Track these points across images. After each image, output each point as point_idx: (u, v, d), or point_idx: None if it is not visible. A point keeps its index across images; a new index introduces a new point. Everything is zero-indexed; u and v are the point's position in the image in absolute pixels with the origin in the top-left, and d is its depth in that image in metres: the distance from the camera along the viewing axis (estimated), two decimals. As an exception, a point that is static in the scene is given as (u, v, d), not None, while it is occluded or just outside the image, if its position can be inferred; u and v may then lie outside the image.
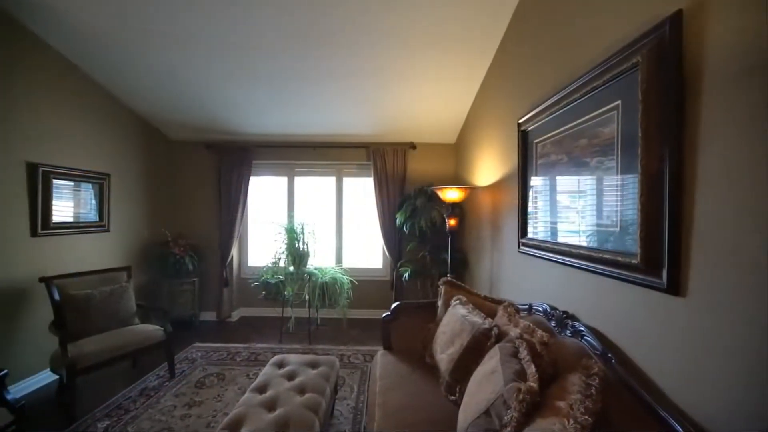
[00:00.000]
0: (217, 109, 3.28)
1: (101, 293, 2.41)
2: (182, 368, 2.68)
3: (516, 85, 2.08)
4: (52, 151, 2.54)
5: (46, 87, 2.49)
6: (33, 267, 2.40)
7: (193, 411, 2.12)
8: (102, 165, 2.99)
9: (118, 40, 2.39)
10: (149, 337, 2.38)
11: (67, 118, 2.65)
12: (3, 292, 2.23)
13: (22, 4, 2.12)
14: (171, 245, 3.56)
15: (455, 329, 1.61)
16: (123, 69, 2.73)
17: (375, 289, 3.95)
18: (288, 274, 3.30)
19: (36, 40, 2.37)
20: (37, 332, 2.38)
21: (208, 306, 3.86)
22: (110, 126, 3.07)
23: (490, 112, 2.57)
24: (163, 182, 3.79)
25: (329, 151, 3.86)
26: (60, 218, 2.62)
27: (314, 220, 3.57)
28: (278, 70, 2.70)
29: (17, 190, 2.32)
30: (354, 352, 3.00)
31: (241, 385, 2.42)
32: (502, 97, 2.32)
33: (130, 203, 3.34)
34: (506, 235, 2.21)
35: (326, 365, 1.92)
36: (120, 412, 2.11)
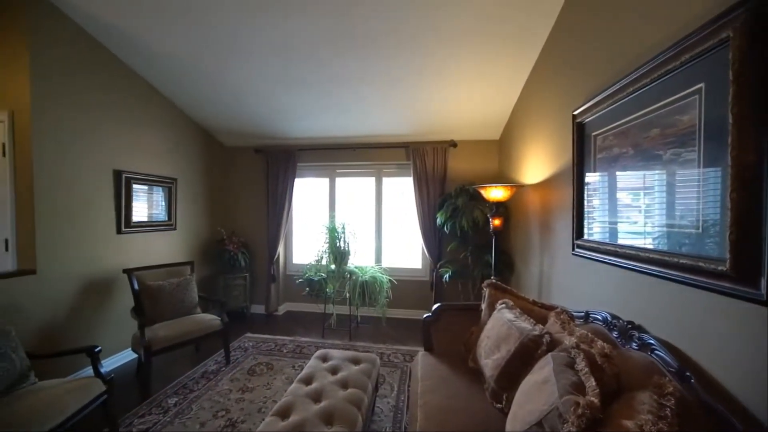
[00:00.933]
0: (266, 115, 3.51)
1: (170, 284, 2.71)
2: (236, 356, 2.90)
3: (569, 76, 1.93)
4: (132, 159, 2.91)
5: (129, 105, 2.86)
6: (118, 260, 2.78)
7: (246, 396, 2.29)
8: (170, 170, 3.36)
9: (183, 59, 2.67)
10: (209, 325, 2.62)
11: (143, 129, 3.02)
12: (96, 281, 2.61)
13: (111, 36, 2.47)
14: (226, 243, 3.88)
15: (501, 334, 1.54)
16: (187, 84, 3.04)
17: (414, 289, 3.93)
18: (330, 272, 3.42)
19: (120, 64, 2.74)
20: (121, 316, 2.75)
21: (257, 299, 4.15)
22: (176, 135, 3.44)
23: (539, 105, 2.42)
24: (219, 185, 4.15)
25: (369, 152, 3.93)
26: (138, 218, 2.99)
27: (355, 220, 3.66)
28: (321, 76, 2.80)
29: (106, 194, 2.70)
30: (393, 352, 3.01)
31: (287, 375, 2.56)
32: (553, 89, 2.16)
33: (192, 204, 3.71)
34: (558, 236, 2.06)
35: (368, 362, 1.95)
36: (185, 391, 2.35)
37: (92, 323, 2.58)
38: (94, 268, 2.59)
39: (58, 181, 2.32)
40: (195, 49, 2.56)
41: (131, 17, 2.28)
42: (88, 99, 2.51)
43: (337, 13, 2.14)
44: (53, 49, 2.25)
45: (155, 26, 2.34)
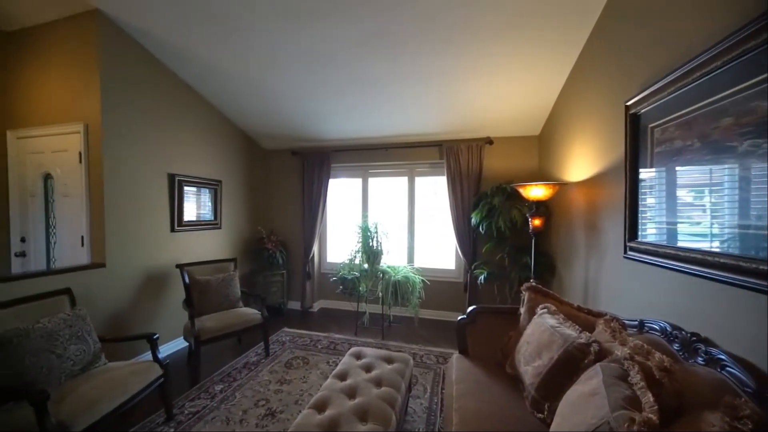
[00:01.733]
0: (302, 119, 3.64)
1: (216, 279, 2.91)
2: (275, 349, 3.05)
3: (620, 64, 1.78)
4: (183, 163, 3.17)
5: (181, 113, 3.12)
6: (171, 256, 3.04)
7: (284, 387, 2.39)
8: (215, 173, 3.61)
9: (227, 70, 2.86)
10: (251, 319, 2.78)
11: (192, 135, 3.28)
12: (153, 274, 2.88)
13: (166, 52, 2.71)
14: (265, 241, 4.09)
15: (542, 340, 1.46)
16: (231, 92, 3.25)
17: (447, 290, 3.86)
18: (363, 271, 3.46)
19: (173, 76, 3.00)
20: (174, 307, 3.01)
21: (293, 296, 4.32)
22: (221, 140, 3.69)
23: (585, 97, 2.25)
24: (259, 186, 4.38)
25: (401, 152, 3.92)
26: (188, 218, 3.25)
27: (387, 220, 3.68)
28: (353, 78, 2.85)
29: (162, 196, 2.96)
30: (426, 353, 2.98)
31: (322, 371, 2.63)
32: (601, 80, 2.01)
33: (235, 205, 3.95)
34: (607, 237, 1.91)
35: (401, 362, 1.95)
36: (230, 380, 2.51)
37: (150, 312, 2.85)
38: (152, 262, 2.86)
39: (122, 184, 2.59)
40: (238, 59, 2.72)
41: (183, 34, 2.49)
42: (147, 109, 2.77)
43: (368, 17, 2.16)
44: (118, 66, 2.52)
45: (203, 41, 2.53)
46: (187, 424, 1.97)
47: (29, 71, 2.70)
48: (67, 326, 1.71)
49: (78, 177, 2.51)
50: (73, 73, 2.51)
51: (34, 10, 2.49)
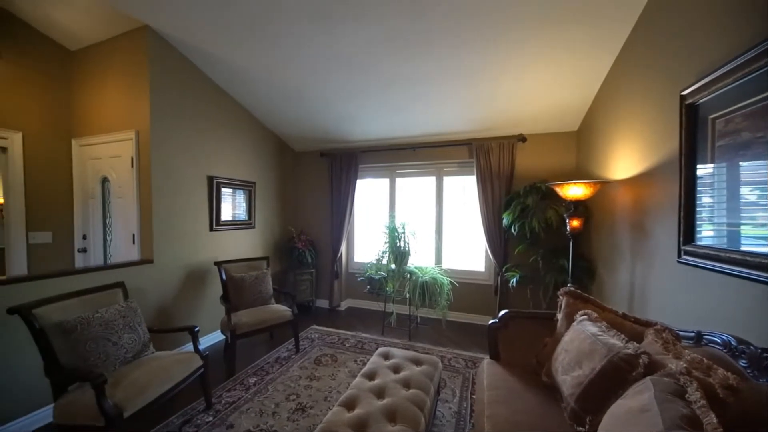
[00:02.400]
0: (330, 121, 3.71)
1: (250, 276, 3.04)
2: (304, 345, 3.13)
3: (672, 51, 1.62)
4: (220, 166, 3.35)
5: (219, 118, 3.30)
6: (210, 253, 3.22)
7: (313, 384, 2.45)
8: (250, 175, 3.78)
9: (260, 76, 2.99)
10: (282, 315, 2.87)
11: (229, 139, 3.46)
12: (194, 271, 3.07)
13: (206, 61, 2.88)
14: (295, 240, 4.22)
15: (583, 349, 1.36)
16: (264, 97, 3.39)
17: (476, 292, 3.75)
18: (390, 271, 3.46)
19: (212, 84, 3.19)
20: (212, 302, 3.19)
21: (322, 294, 4.42)
22: (255, 143, 3.86)
23: (632, 88, 2.09)
24: (290, 187, 4.53)
25: (429, 152, 3.87)
26: (225, 217, 3.44)
27: (414, 220, 3.65)
28: (380, 79, 2.85)
29: (202, 197, 3.15)
30: (455, 356, 2.91)
31: (350, 369, 2.66)
32: (650, 69, 1.85)
33: (267, 205, 4.11)
34: (657, 240, 1.75)
35: (429, 364, 1.92)
36: (263, 373, 2.61)
37: (191, 306, 3.04)
38: (193, 260, 3.05)
39: (168, 186, 2.79)
40: (270, 65, 2.83)
41: (220, 43, 2.63)
42: (189, 115, 2.96)
43: (395, 16, 2.15)
44: (164, 76, 2.72)
45: (239, 49, 2.66)
46: (225, 413, 2.08)
47: (90, 85, 2.99)
48: (121, 317, 1.86)
49: (130, 180, 2.74)
50: (126, 85, 2.74)
51: (94, 30, 2.76)
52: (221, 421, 2.01)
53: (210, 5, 2.24)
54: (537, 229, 2.81)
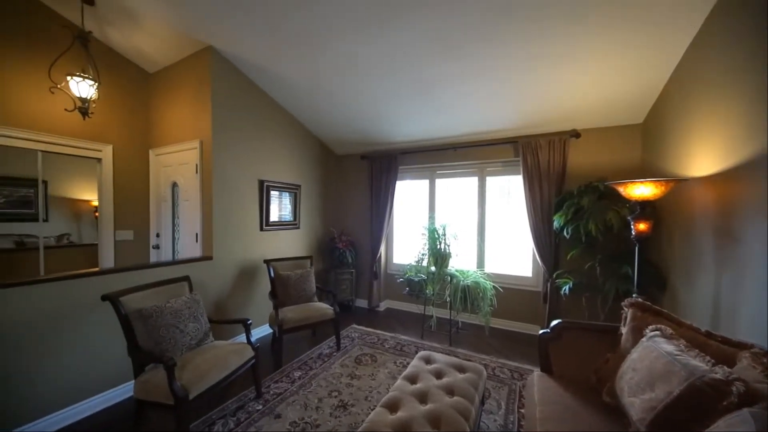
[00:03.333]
0: (371, 123, 3.77)
1: (295, 275, 3.20)
2: (345, 344, 3.21)
3: None
4: (269, 170, 3.58)
5: (268, 125, 3.53)
6: (260, 252, 3.45)
7: (354, 382, 2.49)
8: (295, 178, 3.98)
9: (304, 83, 3.13)
10: (325, 313, 2.97)
11: (277, 144, 3.68)
12: (246, 268, 3.31)
13: (257, 72, 3.10)
14: (336, 241, 4.35)
15: (656, 370, 1.20)
16: (307, 103, 3.55)
17: (522, 299, 3.54)
18: (430, 273, 3.41)
19: (263, 93, 3.42)
20: (261, 297, 3.41)
21: (361, 294, 4.49)
22: (300, 148, 4.05)
23: (714, 70, 1.81)
24: (332, 189, 4.69)
25: (471, 151, 3.75)
26: (273, 218, 3.66)
27: (455, 222, 3.55)
28: (421, 79, 2.83)
29: (253, 199, 3.39)
30: (499, 365, 2.77)
31: (390, 370, 2.66)
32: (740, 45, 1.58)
33: (311, 207, 4.30)
34: (749, 248, 1.49)
35: (473, 372, 1.84)
36: (306, 368, 2.72)
37: (243, 301, 3.28)
38: (245, 257, 3.29)
39: (225, 190, 3.05)
40: (315, 74, 2.96)
41: (269, 56, 2.82)
42: (243, 124, 3.21)
43: (437, 16, 2.11)
44: (223, 89, 2.98)
45: (285, 59, 2.82)
46: (273, 403, 2.20)
47: (163, 102, 3.39)
48: (187, 307, 2.07)
49: (194, 185, 3.04)
50: (192, 100, 3.06)
51: (168, 54, 3.12)
52: (270, 411, 2.13)
53: (263, 24, 2.41)
54: (594, 232, 2.56)
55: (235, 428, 1.95)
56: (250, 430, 1.94)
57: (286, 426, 1.98)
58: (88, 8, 2.62)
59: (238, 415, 2.07)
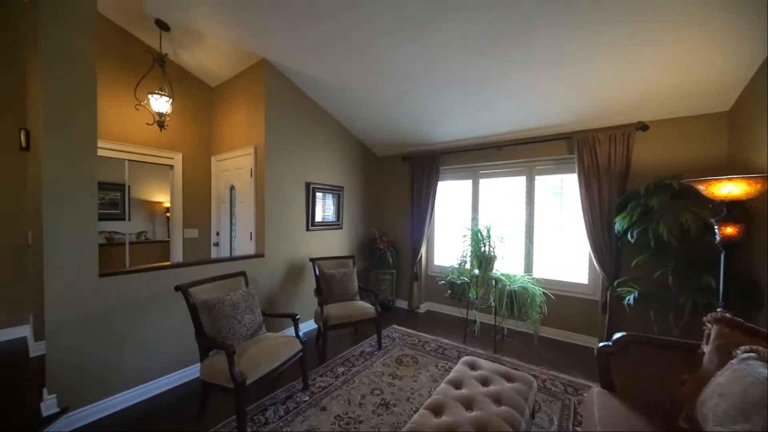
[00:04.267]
0: (412, 124, 3.77)
1: (339, 273, 3.31)
2: (386, 343, 3.23)
3: None
4: (315, 172, 3.75)
5: (315, 129, 3.70)
6: (306, 251, 3.63)
7: (395, 382, 2.50)
8: (339, 180, 4.12)
9: (346, 87, 3.23)
10: (367, 312, 3.03)
11: (322, 147, 3.84)
12: (293, 265, 3.50)
13: (303, 80, 3.28)
14: (377, 241, 4.41)
15: (750, 397, 1.03)
16: (349, 106, 3.65)
17: (576, 308, 3.26)
18: (473, 276, 3.30)
19: (309, 99, 3.60)
20: (306, 294, 3.58)
21: (401, 295, 4.50)
22: (343, 150, 4.18)
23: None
24: (372, 190, 4.77)
25: (518, 149, 3.56)
26: (318, 219, 3.83)
27: (501, 223, 3.39)
28: (465, 78, 2.75)
29: (300, 201, 3.58)
30: (550, 378, 2.58)
31: (432, 373, 2.63)
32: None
33: (353, 207, 4.41)
34: None
35: (522, 382, 1.74)
36: (349, 364, 2.80)
37: (290, 296, 3.47)
38: (293, 255, 3.49)
39: (276, 192, 3.26)
40: (356, 77, 3.04)
41: (314, 63, 2.95)
42: (291, 130, 3.41)
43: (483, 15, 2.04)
44: (275, 98, 3.19)
45: (329, 65, 2.94)
46: (318, 396, 2.30)
47: (223, 112, 3.74)
48: (244, 300, 2.25)
49: (249, 188, 3.30)
50: (248, 109, 3.33)
51: (228, 68, 3.43)
52: (316, 403, 2.22)
53: (309, 35, 2.54)
54: (665, 236, 2.26)
55: (285, 416, 2.07)
56: (298, 419, 2.04)
57: (331, 419, 2.05)
58: (165, 33, 2.99)
59: (287, 404, 2.20)
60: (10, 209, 2.96)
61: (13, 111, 2.93)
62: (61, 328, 1.89)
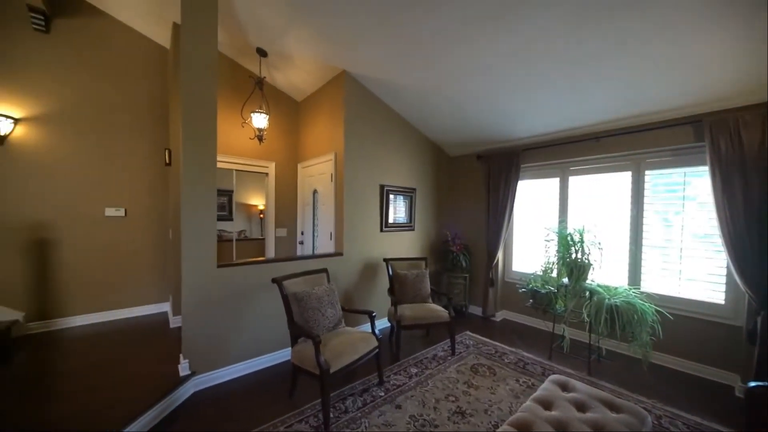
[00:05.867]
0: (489, 121, 3.56)
1: (411, 274, 3.33)
2: (459, 349, 3.12)
3: None
4: (389, 175, 3.85)
5: (388, 132, 3.81)
6: (380, 251, 3.75)
7: (471, 391, 2.39)
8: (411, 182, 4.15)
9: (417, 90, 3.23)
10: (440, 315, 2.98)
11: (395, 150, 3.92)
12: (368, 265, 3.64)
13: (376, 85, 3.40)
14: (450, 244, 4.30)
15: None
16: (424, 109, 3.65)
17: (708, 334, 2.62)
18: (561, 286, 2.94)
19: (383, 104, 3.72)
20: (379, 293, 3.70)
21: (475, 300, 4.29)
22: (415, 152, 4.20)
23: None
24: (444, 192, 4.67)
25: (622, 140, 3.04)
26: (391, 220, 3.92)
27: (596, 226, 2.94)
28: (551, 65, 2.47)
29: (375, 203, 3.72)
30: (668, 415, 2.13)
31: (512, 388, 2.43)
32: None
33: (425, 209, 4.39)
34: None
35: (632, 415, 1.47)
36: (422, 366, 2.78)
37: (365, 294, 3.63)
38: (368, 255, 3.64)
39: (353, 195, 3.46)
40: (432, 79, 3.02)
41: (388, 69, 3.04)
42: (367, 135, 3.57)
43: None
44: (352, 105, 3.40)
45: (403, 69, 2.99)
46: (393, 393, 2.35)
47: (308, 123, 4.14)
48: (326, 295, 2.45)
49: (330, 191, 3.58)
50: (329, 118, 3.62)
51: (313, 83, 3.79)
52: (391, 400, 2.27)
53: (387, 42, 2.63)
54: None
55: (363, 407, 2.18)
56: (374, 412, 2.12)
57: (406, 418, 2.07)
58: (263, 59, 3.47)
59: (364, 396, 2.31)
60: (157, 213, 3.81)
61: (162, 135, 3.77)
62: (193, 307, 2.35)
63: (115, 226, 3.54)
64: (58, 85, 3.19)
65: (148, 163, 3.71)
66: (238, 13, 2.81)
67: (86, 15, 3.30)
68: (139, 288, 3.71)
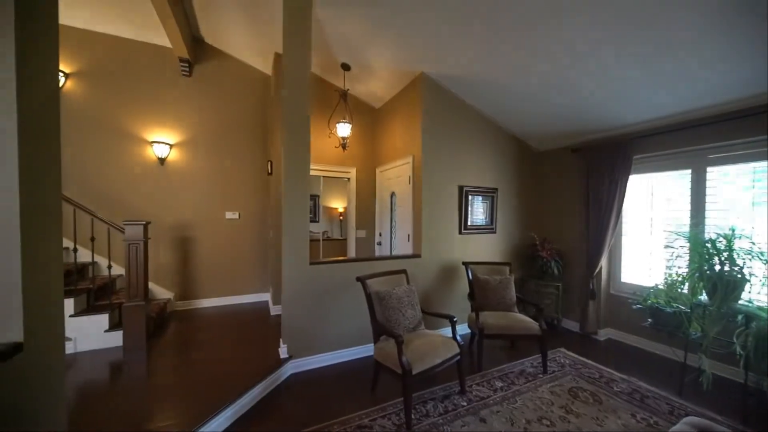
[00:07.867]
0: (586, 109, 3.10)
1: (494, 280, 3.10)
2: (552, 367, 2.77)
3: None
4: (468, 175, 3.69)
5: (468, 132, 3.66)
6: (458, 254, 3.62)
7: (570, 418, 2.09)
8: (492, 181, 3.89)
9: (505, 81, 3.00)
10: (528, 327, 2.70)
11: (475, 149, 3.74)
12: (447, 267, 3.55)
13: (455, 82, 3.30)
14: (538, 248, 3.87)
15: None
16: (507, 100, 3.38)
17: None
18: (697, 305, 2.34)
19: (461, 102, 3.60)
20: (458, 297, 3.56)
21: (570, 314, 3.76)
22: (496, 149, 3.93)
23: None
24: (530, 191, 4.24)
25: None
26: (470, 222, 3.74)
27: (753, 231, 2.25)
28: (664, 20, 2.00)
29: (453, 204, 3.61)
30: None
31: (626, 423, 2.04)
32: None
33: (507, 210, 4.06)
34: None
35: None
36: (508, 380, 2.56)
37: (443, 297, 3.54)
38: (446, 257, 3.55)
39: (431, 197, 3.42)
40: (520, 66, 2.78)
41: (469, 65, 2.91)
42: (445, 135, 3.50)
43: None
44: (430, 106, 3.38)
45: (484, 66, 2.82)
46: (476, 405, 2.22)
47: (386, 128, 4.28)
48: (406, 295, 2.47)
49: (407, 193, 3.62)
50: (406, 122, 3.67)
51: (390, 90, 3.92)
52: (474, 411, 2.15)
53: (471, 38, 2.54)
54: None
55: (444, 414, 2.12)
56: (457, 422, 2.04)
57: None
58: (347, 73, 3.73)
59: (445, 403, 2.24)
60: (261, 217, 4.45)
61: (264, 149, 4.40)
62: (291, 298, 2.66)
63: (231, 227, 4.28)
64: (196, 115, 4.04)
65: (254, 173, 4.37)
66: (326, 33, 3.09)
67: (217, 58, 4.11)
68: (247, 279, 4.38)
